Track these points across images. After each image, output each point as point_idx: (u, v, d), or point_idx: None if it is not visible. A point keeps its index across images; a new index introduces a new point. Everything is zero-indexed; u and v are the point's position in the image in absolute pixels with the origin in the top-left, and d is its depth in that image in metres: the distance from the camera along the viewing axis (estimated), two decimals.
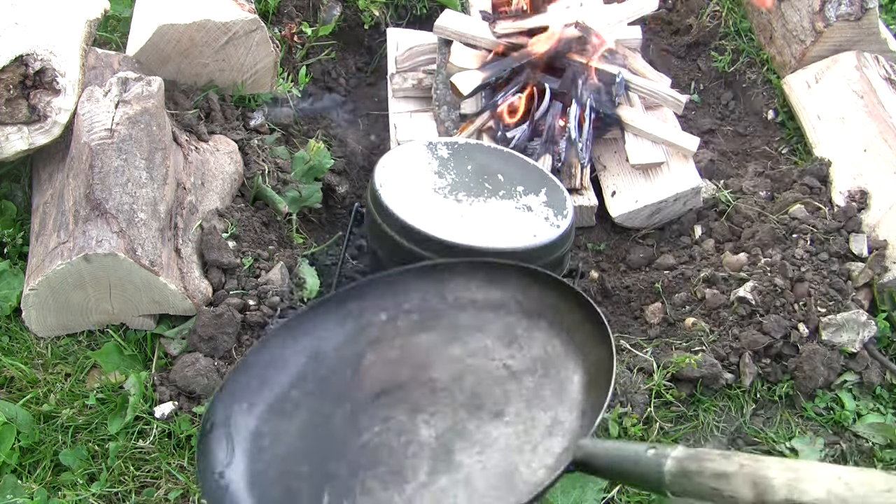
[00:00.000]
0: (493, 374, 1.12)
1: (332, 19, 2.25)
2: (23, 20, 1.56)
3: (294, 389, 1.15)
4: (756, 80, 2.26)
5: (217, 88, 1.86)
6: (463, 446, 1.05)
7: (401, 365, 1.17)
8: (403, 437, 1.08)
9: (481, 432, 1.06)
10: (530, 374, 1.10)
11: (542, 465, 0.98)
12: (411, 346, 1.18)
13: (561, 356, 1.10)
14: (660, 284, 1.77)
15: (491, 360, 1.14)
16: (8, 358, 1.46)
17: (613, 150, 2.02)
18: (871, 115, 1.89)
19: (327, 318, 1.20)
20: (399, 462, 1.06)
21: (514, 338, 1.14)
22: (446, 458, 1.04)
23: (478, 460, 1.03)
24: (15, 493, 1.30)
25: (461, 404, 1.10)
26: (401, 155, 1.52)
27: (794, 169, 1.97)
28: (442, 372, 1.15)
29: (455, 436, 1.06)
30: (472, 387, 1.11)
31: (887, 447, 1.55)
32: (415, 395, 1.13)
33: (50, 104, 1.53)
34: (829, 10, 2.03)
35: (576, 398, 1.04)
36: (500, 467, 1.01)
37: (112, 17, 2.00)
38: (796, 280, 1.66)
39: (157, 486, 1.34)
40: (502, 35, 2.03)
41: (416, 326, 1.20)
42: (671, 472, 0.82)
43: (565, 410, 1.04)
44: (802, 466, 0.74)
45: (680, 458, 0.82)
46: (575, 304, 1.09)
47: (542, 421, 1.04)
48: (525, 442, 1.03)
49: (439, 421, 1.09)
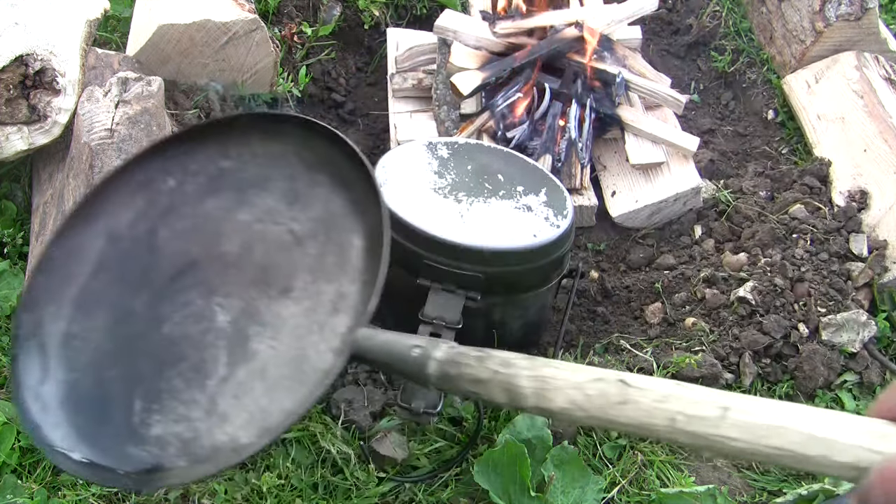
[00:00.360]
0: (278, 241, 1.10)
1: (332, 19, 2.25)
2: (23, 20, 1.56)
3: (95, 280, 1.11)
4: (756, 80, 2.26)
5: (217, 88, 1.86)
6: (256, 331, 1.04)
7: (193, 238, 1.14)
8: (201, 324, 1.06)
9: (272, 313, 1.05)
10: (313, 239, 1.09)
11: (329, 349, 0.98)
12: (201, 214, 1.15)
13: (341, 216, 1.08)
14: (660, 284, 1.77)
15: (276, 224, 1.12)
16: (8, 358, 1.46)
17: (613, 150, 2.02)
18: (871, 115, 1.89)
19: (117, 193, 1.15)
20: (199, 355, 1.04)
21: (297, 195, 1.12)
22: (242, 346, 1.03)
23: (270, 346, 1.02)
24: (15, 493, 1.30)
25: (251, 281, 1.08)
26: (401, 155, 1.52)
27: (794, 169, 1.97)
28: (231, 244, 1.12)
29: (248, 319, 1.05)
30: (260, 258, 1.10)
31: None
32: (208, 274, 1.11)
33: (50, 104, 1.53)
34: (829, 10, 2.03)
35: (357, 266, 1.04)
36: (292, 353, 1.01)
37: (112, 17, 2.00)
38: (796, 280, 1.66)
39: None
40: (502, 35, 2.03)
41: (203, 190, 1.17)
42: (434, 374, 0.85)
43: (348, 281, 1.03)
44: (550, 375, 0.76)
45: (441, 361, 0.84)
46: (351, 160, 1.08)
47: (327, 295, 1.03)
48: (312, 321, 1.02)
49: (233, 302, 1.07)
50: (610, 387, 0.72)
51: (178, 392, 1.01)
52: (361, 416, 1.40)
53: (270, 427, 0.95)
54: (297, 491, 1.32)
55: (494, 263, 1.35)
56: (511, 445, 1.31)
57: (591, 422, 0.73)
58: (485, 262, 1.34)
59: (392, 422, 1.39)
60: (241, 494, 1.31)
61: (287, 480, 1.32)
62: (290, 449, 1.34)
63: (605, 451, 1.43)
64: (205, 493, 1.31)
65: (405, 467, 1.37)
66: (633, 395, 0.70)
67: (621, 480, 1.39)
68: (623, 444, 1.45)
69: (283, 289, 1.06)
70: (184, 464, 0.96)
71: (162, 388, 1.02)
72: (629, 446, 1.45)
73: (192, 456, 0.97)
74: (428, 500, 1.34)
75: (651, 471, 1.42)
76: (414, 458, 1.38)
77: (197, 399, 1.00)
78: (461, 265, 1.33)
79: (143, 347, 1.06)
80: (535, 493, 1.30)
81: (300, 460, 1.34)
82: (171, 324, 1.07)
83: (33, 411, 0.99)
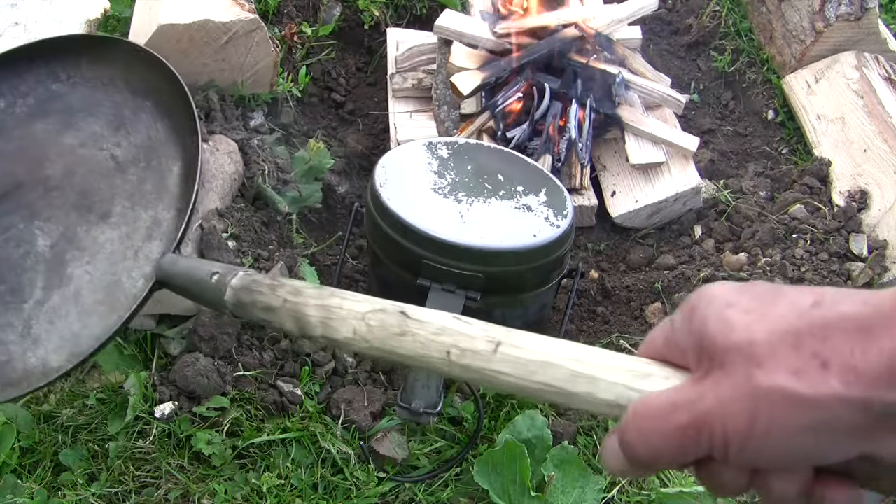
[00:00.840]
0: (101, 165, 1.12)
1: (332, 19, 2.25)
2: (23, 20, 1.56)
3: None
4: (756, 80, 2.26)
5: (217, 88, 1.86)
6: (74, 255, 1.05)
7: (19, 161, 1.15)
8: (22, 247, 1.07)
9: (90, 237, 1.06)
10: (134, 165, 1.10)
11: (142, 275, 1.01)
12: (28, 137, 1.17)
13: (163, 143, 1.11)
14: (660, 284, 1.77)
15: (100, 149, 1.13)
16: None
17: (613, 150, 2.02)
18: (871, 115, 1.89)
19: None
20: (18, 278, 1.05)
21: (122, 121, 1.14)
22: (59, 270, 1.04)
23: (86, 271, 1.04)
24: (15, 493, 1.30)
25: (72, 205, 1.09)
26: (401, 155, 1.52)
27: (794, 169, 1.97)
28: (55, 167, 1.13)
29: (67, 243, 1.06)
30: (82, 183, 1.11)
31: None
32: (31, 197, 1.12)
33: None
34: (829, 10, 2.03)
35: (174, 193, 1.06)
36: (106, 279, 1.02)
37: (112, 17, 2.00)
38: (796, 280, 1.66)
39: (157, 486, 1.34)
40: (502, 35, 2.03)
41: (33, 112, 1.18)
42: (230, 301, 0.86)
43: (164, 208, 1.05)
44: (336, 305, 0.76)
45: (236, 288, 0.85)
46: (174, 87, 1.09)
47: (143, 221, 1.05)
48: (128, 247, 1.04)
49: (53, 226, 1.08)
50: (390, 318, 0.72)
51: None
52: (361, 416, 1.40)
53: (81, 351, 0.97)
54: (297, 491, 1.32)
55: (494, 263, 1.35)
56: (511, 445, 1.31)
57: (374, 353, 0.72)
58: (485, 262, 1.34)
59: (392, 422, 1.39)
60: (241, 494, 1.31)
61: (287, 480, 1.32)
62: (290, 449, 1.35)
63: None
64: (205, 494, 1.32)
65: (405, 467, 1.37)
66: (412, 326, 0.70)
67: (621, 480, 1.39)
68: None
69: (102, 214, 1.08)
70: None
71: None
72: None
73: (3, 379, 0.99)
74: (428, 500, 1.34)
75: None
76: (414, 458, 1.38)
77: (12, 322, 1.01)
78: (461, 265, 1.33)
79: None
80: (535, 493, 1.30)
81: (300, 460, 1.34)
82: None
83: None
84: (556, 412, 1.49)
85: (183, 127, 1.09)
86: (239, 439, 1.37)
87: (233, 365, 1.43)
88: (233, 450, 1.36)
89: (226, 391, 1.41)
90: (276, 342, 1.47)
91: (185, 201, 1.02)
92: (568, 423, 1.46)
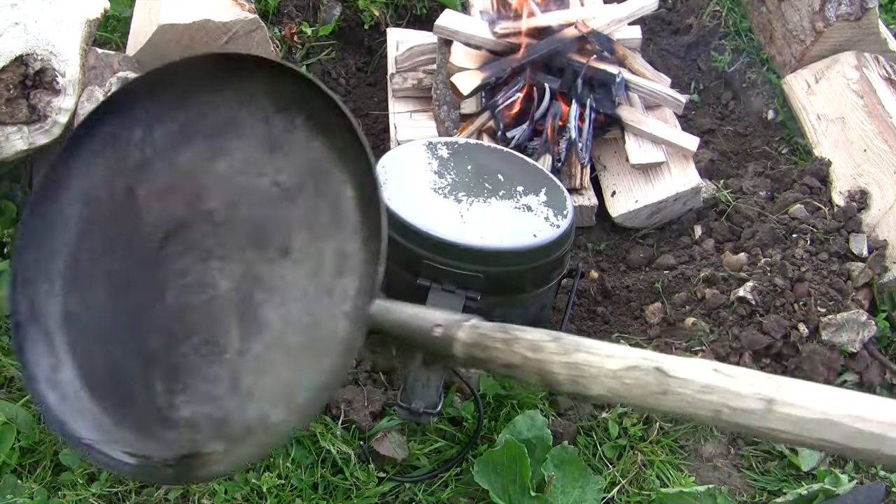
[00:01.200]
0: (266, 194, 1.02)
1: (332, 19, 2.25)
2: (23, 20, 1.56)
3: (81, 250, 1.03)
4: (756, 80, 2.26)
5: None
6: (263, 298, 0.97)
7: (174, 196, 1.05)
8: (204, 293, 0.99)
9: (275, 276, 0.98)
10: (302, 192, 1.00)
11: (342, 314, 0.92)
12: (177, 168, 1.06)
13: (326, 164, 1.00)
14: (660, 284, 1.77)
15: (260, 175, 1.03)
16: (8, 358, 1.46)
17: (613, 150, 2.02)
18: (871, 115, 1.89)
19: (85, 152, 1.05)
20: (209, 327, 0.97)
21: (276, 142, 1.04)
22: (252, 314, 0.97)
23: (281, 315, 0.96)
24: (15, 493, 1.30)
25: (247, 241, 1.01)
26: (401, 155, 1.52)
27: (794, 169, 1.97)
28: (216, 200, 1.04)
29: (252, 284, 0.98)
30: (251, 215, 1.02)
31: None
32: (199, 236, 1.03)
33: (50, 104, 1.53)
34: (829, 10, 2.03)
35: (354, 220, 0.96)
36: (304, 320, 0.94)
37: (112, 17, 2.00)
38: (796, 280, 1.66)
39: (157, 486, 1.34)
40: (502, 35, 2.03)
41: (174, 140, 1.07)
42: (461, 357, 0.83)
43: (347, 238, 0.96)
44: (583, 362, 0.75)
45: (467, 343, 0.82)
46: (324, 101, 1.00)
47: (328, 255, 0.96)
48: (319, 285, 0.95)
49: (232, 267, 1.00)
50: (647, 376, 0.70)
51: (196, 369, 0.95)
52: (361, 416, 1.40)
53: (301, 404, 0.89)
54: (297, 491, 1.32)
55: (494, 263, 1.35)
56: (511, 445, 1.31)
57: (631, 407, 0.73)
58: (485, 262, 1.34)
59: (392, 422, 1.39)
60: (241, 494, 1.31)
61: (287, 480, 1.32)
62: (290, 449, 1.34)
63: (605, 451, 1.43)
64: (205, 494, 1.32)
65: (405, 467, 1.37)
66: (673, 385, 0.69)
67: (621, 480, 1.40)
68: (623, 443, 1.45)
69: (282, 249, 0.99)
70: (220, 447, 0.90)
71: (179, 365, 0.96)
72: (629, 446, 1.45)
73: (227, 438, 0.90)
74: (428, 500, 1.34)
75: (651, 471, 1.42)
76: (414, 458, 1.38)
77: (218, 375, 0.94)
78: (461, 265, 1.33)
79: (149, 322, 0.99)
80: (535, 493, 1.30)
81: (300, 460, 1.34)
82: (172, 293, 1.00)
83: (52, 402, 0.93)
84: (557, 412, 1.49)
85: (343, 142, 0.99)
86: None
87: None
88: None
89: None
90: None
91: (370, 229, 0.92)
92: (568, 423, 1.46)
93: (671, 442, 1.47)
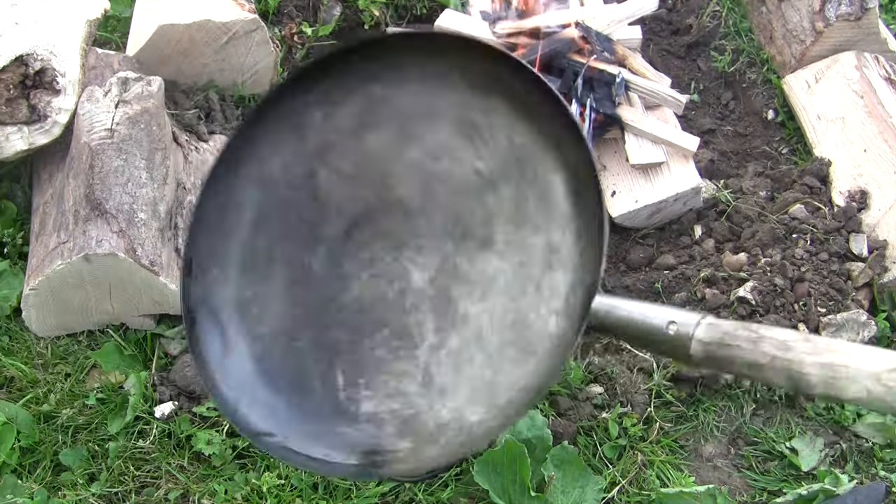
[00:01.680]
0: (464, 182, 0.96)
1: (332, 19, 2.25)
2: (23, 20, 1.56)
3: (257, 235, 0.98)
4: (756, 80, 2.26)
5: (217, 88, 1.86)
6: (462, 291, 0.92)
7: (360, 182, 0.99)
8: (395, 284, 0.95)
9: (476, 270, 0.93)
10: (505, 180, 0.94)
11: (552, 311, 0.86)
12: (363, 153, 1.00)
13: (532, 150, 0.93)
14: (660, 284, 1.77)
15: (457, 162, 0.97)
16: (8, 358, 1.46)
17: (613, 150, 2.02)
18: (871, 115, 1.89)
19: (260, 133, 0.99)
20: (400, 320, 0.93)
21: (473, 126, 0.97)
22: (448, 308, 0.92)
23: (483, 309, 0.90)
24: (15, 493, 1.30)
25: (443, 232, 0.95)
26: None
27: (794, 169, 1.97)
28: (409, 187, 0.98)
29: (449, 278, 0.93)
30: (448, 204, 0.96)
31: (887, 447, 1.55)
32: (390, 225, 0.98)
33: (50, 104, 1.53)
34: (829, 10, 2.03)
35: (564, 211, 0.90)
36: (508, 317, 0.89)
37: (112, 17, 2.00)
38: (796, 280, 1.66)
39: (157, 486, 1.34)
40: (502, 35, 2.03)
41: (358, 122, 1.01)
42: (699, 356, 0.78)
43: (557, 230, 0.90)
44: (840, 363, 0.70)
45: (705, 342, 0.77)
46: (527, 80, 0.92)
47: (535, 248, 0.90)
48: (525, 280, 0.90)
49: (427, 258, 0.95)
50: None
51: (385, 362, 0.91)
52: None
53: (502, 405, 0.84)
54: (297, 491, 1.32)
55: None
56: (511, 445, 1.31)
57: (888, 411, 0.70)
58: None
59: None
60: (241, 494, 1.31)
61: (287, 480, 1.32)
62: None
63: (605, 451, 1.43)
64: (205, 494, 1.32)
65: None
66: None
67: (621, 480, 1.40)
68: (623, 443, 1.45)
69: (483, 241, 0.93)
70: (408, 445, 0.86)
71: (365, 360, 0.92)
72: (629, 446, 1.45)
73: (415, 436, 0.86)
74: (428, 500, 1.34)
75: (651, 471, 1.42)
76: None
77: (409, 371, 0.89)
78: None
79: (331, 312, 0.95)
80: (535, 493, 1.30)
81: None
82: (358, 283, 0.95)
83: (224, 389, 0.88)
84: (557, 412, 1.49)
85: (553, 125, 0.90)
86: (239, 439, 1.37)
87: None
88: (233, 450, 1.36)
89: None
90: None
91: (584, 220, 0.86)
92: (568, 423, 1.46)
93: (671, 442, 1.47)
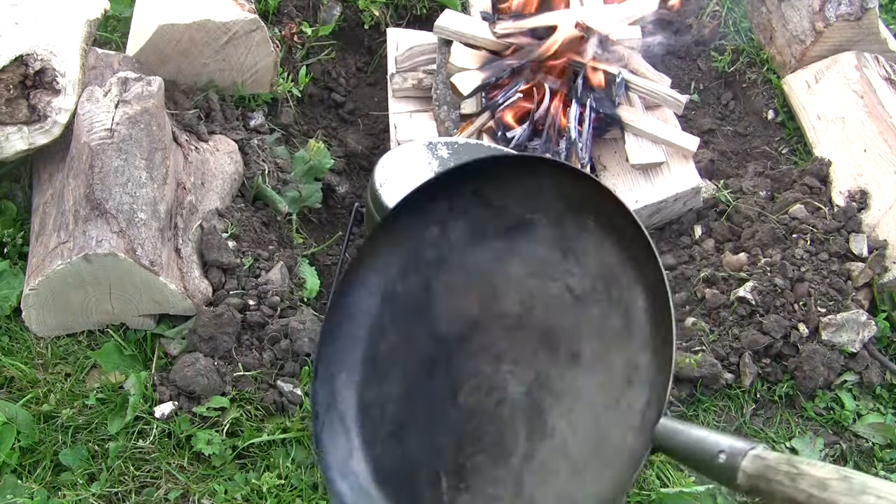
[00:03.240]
0: (558, 298, 1.01)
1: (332, 19, 2.25)
2: (23, 20, 1.56)
3: (379, 343, 1.06)
4: (756, 80, 2.26)
5: (217, 88, 1.86)
6: (552, 403, 0.96)
7: (468, 295, 1.06)
8: (495, 395, 1.00)
9: (565, 382, 0.97)
10: (594, 297, 0.99)
11: (629, 427, 0.90)
12: (471, 267, 1.07)
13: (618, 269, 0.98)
14: None
15: (552, 278, 1.02)
16: (8, 358, 1.46)
17: (613, 150, 2.02)
18: (871, 115, 1.89)
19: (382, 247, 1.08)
20: (498, 430, 0.97)
21: (567, 244, 1.03)
22: (540, 420, 0.96)
23: (568, 422, 0.95)
24: (15, 493, 1.30)
25: (538, 345, 1.00)
26: (401, 155, 1.52)
27: (794, 169, 1.97)
28: (509, 302, 1.04)
29: (542, 390, 0.98)
30: (543, 319, 1.01)
31: (887, 447, 1.55)
32: (492, 338, 1.03)
33: (50, 104, 1.53)
34: (829, 10, 2.03)
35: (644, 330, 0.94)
36: (591, 431, 0.93)
37: (112, 17, 2.00)
38: (796, 280, 1.66)
39: (157, 486, 1.34)
40: (502, 35, 2.03)
41: (468, 238, 1.08)
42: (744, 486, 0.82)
43: (638, 349, 0.94)
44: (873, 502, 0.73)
45: (750, 475, 0.81)
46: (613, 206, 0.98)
47: (618, 365, 0.95)
48: (608, 395, 0.94)
49: (523, 371, 1.00)
50: None
51: (482, 469, 0.95)
52: None
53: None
54: (297, 491, 1.32)
55: None
56: None
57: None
58: None
59: None
60: (241, 494, 1.31)
61: (287, 480, 1.32)
62: (290, 449, 1.34)
63: None
64: (204, 494, 1.32)
65: None
66: None
67: None
68: None
69: (572, 355, 0.98)
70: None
71: (465, 465, 0.96)
72: None
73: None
74: None
75: (651, 471, 1.41)
76: None
77: (502, 478, 0.94)
78: None
79: (440, 419, 1.00)
80: None
81: (300, 460, 1.34)
82: (463, 393, 1.01)
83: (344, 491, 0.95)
84: None
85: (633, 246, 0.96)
86: (239, 439, 1.37)
87: (233, 365, 1.43)
88: (233, 450, 1.36)
89: (225, 391, 1.41)
90: (276, 342, 1.47)
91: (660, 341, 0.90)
92: None
93: None
